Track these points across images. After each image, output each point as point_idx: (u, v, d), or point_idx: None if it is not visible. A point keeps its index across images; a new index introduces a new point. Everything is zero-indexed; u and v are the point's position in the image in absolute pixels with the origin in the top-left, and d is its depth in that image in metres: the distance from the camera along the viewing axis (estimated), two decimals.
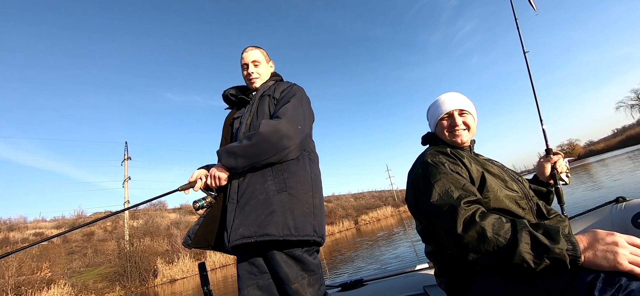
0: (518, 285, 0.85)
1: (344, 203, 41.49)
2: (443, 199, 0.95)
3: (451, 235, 0.89)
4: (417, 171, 1.11)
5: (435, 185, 0.99)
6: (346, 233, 25.46)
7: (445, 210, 0.92)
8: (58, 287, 14.46)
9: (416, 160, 1.19)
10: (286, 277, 1.13)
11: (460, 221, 0.88)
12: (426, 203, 0.99)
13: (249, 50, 1.52)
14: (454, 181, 0.99)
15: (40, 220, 27.56)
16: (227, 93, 1.58)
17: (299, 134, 1.26)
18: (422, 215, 1.04)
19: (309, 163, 1.33)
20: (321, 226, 1.23)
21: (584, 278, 0.74)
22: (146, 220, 23.57)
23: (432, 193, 0.98)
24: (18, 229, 24.13)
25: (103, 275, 16.94)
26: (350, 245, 14.27)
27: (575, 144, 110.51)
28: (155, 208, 29.75)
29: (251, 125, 1.35)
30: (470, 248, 0.85)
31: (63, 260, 19.33)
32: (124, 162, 22.34)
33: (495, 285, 0.90)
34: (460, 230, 0.87)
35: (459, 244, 0.87)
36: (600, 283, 0.71)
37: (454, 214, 0.89)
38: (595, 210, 1.75)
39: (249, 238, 1.11)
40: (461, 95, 1.25)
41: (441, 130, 1.22)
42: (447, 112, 1.20)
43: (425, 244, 1.19)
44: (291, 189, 1.19)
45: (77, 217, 28.09)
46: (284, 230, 1.12)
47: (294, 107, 1.30)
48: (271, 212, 1.14)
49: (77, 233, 23.63)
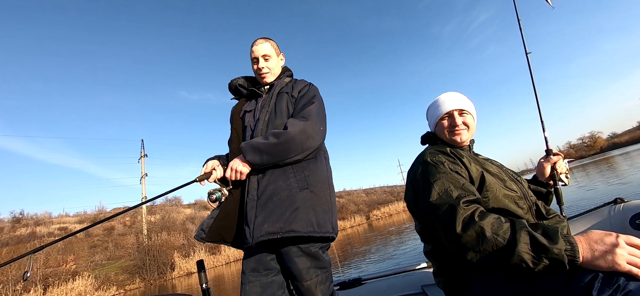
0: (517, 285, 0.85)
1: (356, 198, 41.38)
2: (442, 198, 0.96)
3: (450, 234, 0.90)
4: (416, 170, 1.11)
5: (435, 184, 0.99)
6: (358, 228, 25.45)
7: (444, 210, 0.93)
8: (82, 279, 15.18)
9: (416, 159, 1.19)
10: (300, 274, 1.15)
11: (460, 220, 0.88)
12: (425, 202, 1.00)
13: (259, 42, 1.47)
14: (453, 180, 0.99)
15: (64, 216, 28.87)
16: (236, 84, 1.53)
17: (321, 135, 1.29)
18: (422, 214, 1.05)
19: (325, 161, 1.37)
20: (336, 223, 1.27)
21: (583, 278, 0.75)
22: (163, 215, 24.32)
23: (432, 192, 0.98)
24: (44, 224, 25.38)
25: (124, 268, 17.62)
26: (363, 240, 14.28)
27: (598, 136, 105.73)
28: (171, 203, 30.62)
29: (269, 121, 1.35)
30: (469, 248, 0.86)
31: (86, 253, 20.22)
32: (141, 159, 23.04)
33: (494, 284, 0.90)
34: (459, 229, 0.88)
35: (458, 244, 0.89)
36: (599, 283, 0.72)
37: (453, 213, 0.90)
38: (594, 211, 1.75)
39: (274, 235, 1.12)
40: (461, 95, 1.25)
41: (441, 130, 1.22)
42: (447, 111, 1.20)
43: (424, 243, 1.20)
44: (312, 187, 1.22)
45: (98, 212, 29.30)
46: (308, 227, 1.14)
47: (317, 108, 1.32)
48: (296, 208, 1.16)
49: (99, 228, 24.66)
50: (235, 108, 1.51)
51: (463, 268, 1.01)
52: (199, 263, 1.38)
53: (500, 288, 0.89)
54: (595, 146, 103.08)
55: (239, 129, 1.44)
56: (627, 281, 0.70)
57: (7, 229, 23.16)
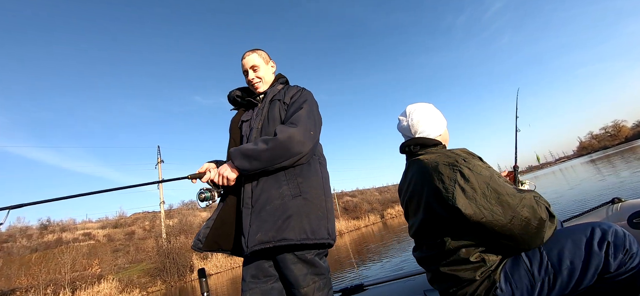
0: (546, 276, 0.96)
1: (369, 197, 41.16)
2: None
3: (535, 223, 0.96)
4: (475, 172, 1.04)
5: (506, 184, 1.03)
6: (372, 227, 25.31)
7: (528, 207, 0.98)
8: (108, 282, 15.78)
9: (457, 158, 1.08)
10: (296, 281, 1.15)
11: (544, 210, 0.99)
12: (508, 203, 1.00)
13: (247, 55, 1.51)
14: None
15: (87, 221, 30.08)
16: (233, 95, 1.58)
17: (311, 140, 1.26)
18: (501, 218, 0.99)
19: (319, 167, 1.35)
20: (333, 229, 1.26)
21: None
22: (180, 219, 24.93)
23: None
24: (69, 230, 26.52)
25: (145, 271, 18.20)
26: (377, 238, 14.20)
27: (622, 125, 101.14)
28: (188, 207, 31.34)
29: (263, 129, 1.36)
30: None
31: (109, 257, 20.99)
32: (158, 165, 23.73)
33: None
34: (544, 215, 0.97)
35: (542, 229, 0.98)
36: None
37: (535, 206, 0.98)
38: (592, 211, 1.76)
39: (266, 244, 1.13)
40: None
41: (448, 138, 1.33)
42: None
43: (419, 250, 1.21)
44: (306, 193, 1.21)
45: (119, 217, 30.34)
46: (301, 235, 1.14)
47: (307, 113, 1.30)
48: (288, 216, 1.15)
49: (120, 232, 25.56)
50: (234, 118, 1.54)
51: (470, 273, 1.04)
52: (200, 271, 1.37)
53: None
54: (619, 135, 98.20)
55: (237, 138, 1.46)
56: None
57: (35, 235, 24.33)
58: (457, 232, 1.02)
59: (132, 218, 31.34)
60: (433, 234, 1.09)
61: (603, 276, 0.91)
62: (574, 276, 0.93)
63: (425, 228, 1.12)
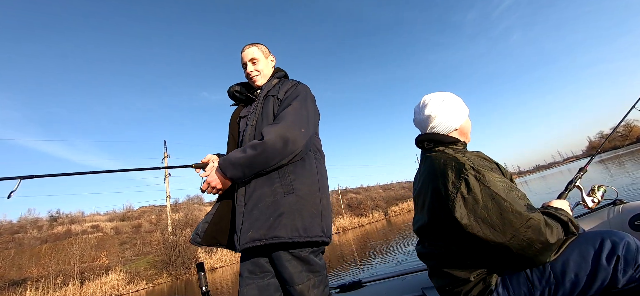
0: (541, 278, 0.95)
1: (373, 194, 41.08)
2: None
3: (541, 238, 0.92)
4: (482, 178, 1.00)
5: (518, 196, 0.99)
6: (376, 224, 25.32)
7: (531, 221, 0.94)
8: (115, 273, 16.10)
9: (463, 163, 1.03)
10: (291, 278, 1.14)
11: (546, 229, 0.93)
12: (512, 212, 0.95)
13: (247, 48, 1.50)
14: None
15: (95, 214, 30.67)
16: (233, 90, 1.57)
17: (303, 137, 1.24)
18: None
19: (315, 163, 1.32)
20: (329, 227, 1.24)
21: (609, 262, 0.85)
22: (186, 213, 25.23)
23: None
24: (78, 222, 27.08)
25: (152, 263, 18.48)
26: (380, 235, 14.22)
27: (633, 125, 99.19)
28: (193, 202, 31.70)
29: (257, 126, 1.34)
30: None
31: (116, 250, 21.38)
32: (164, 159, 24.00)
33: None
34: (554, 240, 0.92)
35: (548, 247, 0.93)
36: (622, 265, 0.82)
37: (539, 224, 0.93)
38: (593, 212, 1.74)
39: (258, 241, 1.13)
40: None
41: (469, 129, 1.23)
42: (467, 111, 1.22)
43: (421, 244, 1.22)
44: (298, 191, 1.20)
45: (126, 211, 30.86)
46: (293, 232, 1.13)
47: (295, 110, 1.27)
48: (280, 214, 1.14)
49: (127, 225, 25.99)
50: (234, 114, 1.54)
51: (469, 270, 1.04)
52: (198, 265, 1.37)
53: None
54: (630, 136, 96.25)
55: (235, 134, 1.47)
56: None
57: (45, 227, 24.91)
58: (457, 236, 1.01)
59: (139, 211, 31.90)
60: (435, 234, 1.10)
61: (609, 292, 0.87)
62: (577, 290, 0.89)
63: (428, 228, 1.12)
